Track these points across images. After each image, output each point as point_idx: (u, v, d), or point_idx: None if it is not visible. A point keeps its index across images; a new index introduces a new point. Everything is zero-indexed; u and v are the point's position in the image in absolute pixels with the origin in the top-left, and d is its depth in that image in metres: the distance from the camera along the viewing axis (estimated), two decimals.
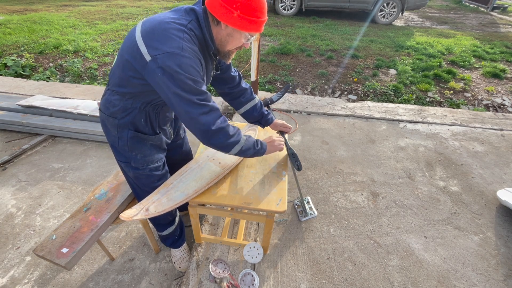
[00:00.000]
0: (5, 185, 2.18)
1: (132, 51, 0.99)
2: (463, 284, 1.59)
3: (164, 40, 0.94)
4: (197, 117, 1.02)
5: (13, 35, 5.35)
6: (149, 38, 0.96)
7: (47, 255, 1.25)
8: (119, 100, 1.14)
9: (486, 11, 9.96)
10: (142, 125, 1.21)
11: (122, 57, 1.05)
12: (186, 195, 1.27)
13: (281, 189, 1.36)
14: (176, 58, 0.93)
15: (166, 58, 0.93)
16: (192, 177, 1.36)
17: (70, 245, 1.28)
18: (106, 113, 1.19)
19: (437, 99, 3.86)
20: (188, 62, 0.96)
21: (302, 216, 1.91)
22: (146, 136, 1.24)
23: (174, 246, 1.66)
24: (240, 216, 1.47)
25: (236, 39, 1.08)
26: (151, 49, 0.94)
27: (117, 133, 1.20)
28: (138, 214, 1.15)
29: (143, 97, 1.13)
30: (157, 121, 1.27)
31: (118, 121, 1.17)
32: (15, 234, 1.83)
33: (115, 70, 1.11)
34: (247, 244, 1.60)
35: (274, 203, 1.29)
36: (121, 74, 1.07)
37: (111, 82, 1.14)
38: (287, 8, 7.66)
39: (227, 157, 1.51)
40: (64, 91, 3.51)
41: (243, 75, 4.20)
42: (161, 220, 1.52)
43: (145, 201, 1.23)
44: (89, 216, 1.42)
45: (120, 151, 1.25)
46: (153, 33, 0.96)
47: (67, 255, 1.24)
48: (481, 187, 2.28)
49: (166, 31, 0.95)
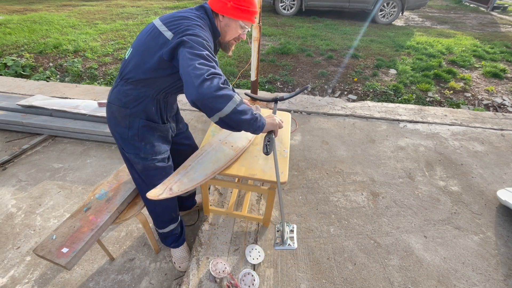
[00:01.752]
0: (5, 185, 2.18)
1: (153, 38, 1.10)
2: (463, 284, 1.59)
3: (184, 21, 1.09)
4: (197, 64, 0.98)
5: (13, 35, 5.35)
6: (170, 22, 1.09)
7: (47, 255, 1.25)
8: (133, 90, 1.19)
9: (486, 11, 9.96)
10: (152, 113, 1.27)
11: (141, 46, 1.14)
12: (205, 176, 1.36)
13: (283, 164, 1.50)
14: (195, 29, 1.07)
15: (186, 28, 1.06)
16: (209, 159, 1.44)
17: (70, 245, 1.28)
18: (117, 104, 1.23)
19: (437, 99, 3.86)
20: (204, 34, 1.09)
21: (277, 244, 1.56)
22: (156, 125, 1.30)
23: (174, 246, 1.66)
24: (245, 188, 1.62)
25: (233, 28, 1.24)
26: (173, 28, 1.07)
27: (128, 123, 1.24)
28: (163, 193, 1.23)
29: (156, 84, 1.19)
30: (166, 111, 1.34)
31: (130, 110, 1.22)
32: (15, 234, 1.83)
33: (130, 60, 1.18)
34: (248, 245, 1.61)
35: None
36: (138, 62, 1.14)
37: (124, 72, 1.20)
38: (287, 8, 7.65)
39: (238, 140, 1.58)
40: (64, 91, 3.51)
41: (243, 75, 4.20)
42: (164, 216, 1.53)
43: (167, 181, 1.30)
44: (89, 216, 1.42)
45: (130, 142, 1.28)
46: (172, 18, 1.11)
47: (67, 255, 1.24)
48: (481, 187, 2.28)
49: (184, 15, 1.13)
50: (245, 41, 5.49)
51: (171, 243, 1.65)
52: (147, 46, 1.12)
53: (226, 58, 4.69)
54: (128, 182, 1.60)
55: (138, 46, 1.16)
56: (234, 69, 4.32)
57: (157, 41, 1.09)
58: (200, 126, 2.97)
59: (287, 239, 1.55)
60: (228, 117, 1.01)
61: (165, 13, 1.31)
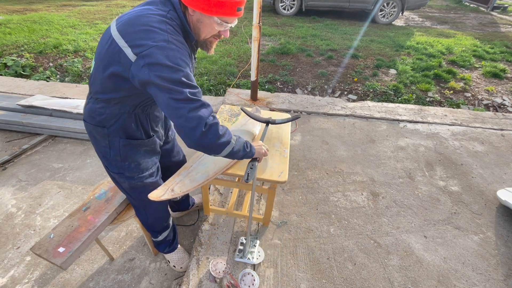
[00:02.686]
0: (5, 185, 2.18)
1: (113, 54, 0.91)
2: (463, 284, 1.59)
3: (147, 35, 0.87)
4: (187, 114, 0.91)
5: (13, 35, 5.35)
6: (130, 36, 0.88)
7: (44, 253, 1.24)
8: (105, 108, 1.05)
9: (486, 11, 9.96)
10: (133, 130, 1.13)
11: (102, 61, 0.96)
12: (207, 177, 1.34)
13: (283, 164, 1.50)
14: (163, 52, 0.86)
15: (152, 53, 0.85)
16: (211, 159, 1.43)
17: (67, 244, 1.28)
18: (92, 123, 1.10)
19: (437, 99, 3.86)
20: (176, 54, 0.89)
21: (237, 256, 1.62)
22: (139, 142, 1.17)
23: (168, 251, 1.65)
24: (246, 187, 1.61)
25: (207, 25, 0.99)
26: (134, 48, 0.87)
27: (108, 143, 1.13)
28: (165, 194, 1.21)
29: (131, 100, 1.05)
30: (149, 123, 1.19)
31: (108, 130, 1.09)
32: (15, 234, 1.83)
33: (95, 76, 1.02)
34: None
35: (276, 174, 1.42)
36: (104, 80, 0.98)
37: (93, 90, 1.05)
38: (287, 8, 7.65)
39: None
40: (64, 91, 3.51)
41: (243, 74, 4.20)
42: (155, 226, 1.51)
43: (169, 182, 1.29)
44: (88, 215, 1.42)
45: (112, 162, 1.18)
46: (133, 30, 0.88)
47: (63, 254, 1.23)
48: (481, 187, 2.28)
49: (147, 25, 0.88)
50: (245, 41, 5.49)
51: (164, 249, 1.63)
52: (109, 62, 0.94)
53: (226, 58, 4.69)
54: None
55: (100, 60, 0.98)
56: (234, 69, 4.32)
57: (118, 58, 0.91)
58: None
59: (248, 253, 1.63)
60: (224, 155, 1.10)
61: None
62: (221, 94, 3.78)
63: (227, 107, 1.95)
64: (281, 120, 1.64)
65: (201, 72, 4.25)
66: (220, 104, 3.32)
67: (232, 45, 5.29)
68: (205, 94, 3.78)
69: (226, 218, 1.89)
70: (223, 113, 1.88)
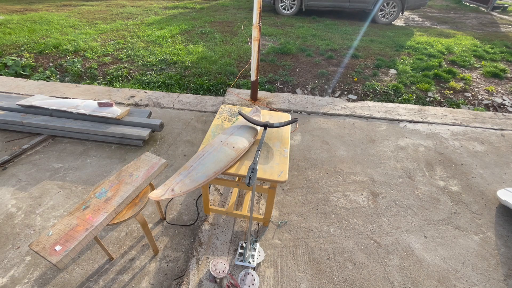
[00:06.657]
0: (5, 185, 2.18)
1: None
2: (463, 284, 1.59)
3: None
4: None
5: (13, 35, 5.35)
6: None
7: (41, 251, 1.24)
8: None
9: (486, 10, 9.95)
10: None
11: None
12: (207, 177, 1.36)
13: (283, 163, 1.51)
14: None
15: None
16: (211, 159, 1.44)
17: (64, 243, 1.27)
18: None
19: (437, 99, 3.86)
20: None
21: (237, 259, 1.64)
22: None
23: None
24: (246, 187, 1.63)
25: None
26: None
27: None
28: (165, 194, 1.24)
29: None
30: None
31: None
32: (15, 234, 1.83)
33: None
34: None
35: (276, 174, 1.44)
36: None
37: None
38: (287, 8, 7.65)
39: (239, 141, 1.59)
40: (64, 91, 3.51)
41: (243, 74, 4.20)
42: None
43: (169, 182, 1.31)
44: (87, 214, 1.41)
45: None
46: None
47: (59, 253, 1.23)
48: (481, 187, 2.28)
49: None
50: (245, 41, 5.49)
51: None
52: None
53: (226, 58, 4.69)
54: (129, 183, 1.60)
55: None
56: (234, 69, 4.32)
57: None
58: (200, 126, 2.96)
59: (248, 256, 1.64)
60: None
61: (166, 13, 1.06)
62: (221, 94, 3.78)
63: (227, 107, 1.95)
64: (279, 124, 1.66)
65: (201, 72, 4.25)
66: (220, 104, 3.32)
67: (232, 45, 5.28)
68: (205, 94, 3.78)
69: (226, 218, 1.89)
70: (223, 113, 1.88)
